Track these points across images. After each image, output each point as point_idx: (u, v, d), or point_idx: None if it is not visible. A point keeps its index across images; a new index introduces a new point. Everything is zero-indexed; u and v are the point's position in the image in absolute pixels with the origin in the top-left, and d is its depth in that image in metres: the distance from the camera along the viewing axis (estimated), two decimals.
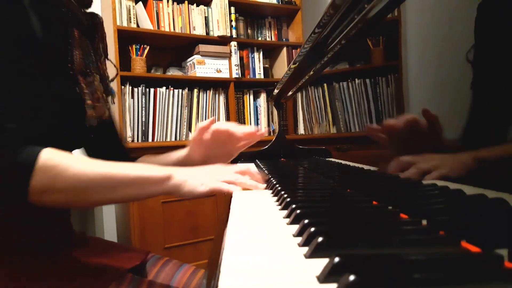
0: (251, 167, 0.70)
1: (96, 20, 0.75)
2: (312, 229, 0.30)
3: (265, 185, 0.64)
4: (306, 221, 0.33)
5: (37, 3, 0.59)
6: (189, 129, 2.28)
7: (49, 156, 0.54)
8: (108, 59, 0.81)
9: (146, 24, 2.16)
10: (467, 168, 0.65)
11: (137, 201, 0.60)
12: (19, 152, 0.53)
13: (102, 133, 0.77)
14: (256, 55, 2.55)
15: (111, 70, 0.82)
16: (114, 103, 0.85)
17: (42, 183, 0.53)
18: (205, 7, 2.36)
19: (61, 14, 0.64)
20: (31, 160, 0.52)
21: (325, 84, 2.49)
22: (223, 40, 2.36)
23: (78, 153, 0.72)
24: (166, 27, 2.22)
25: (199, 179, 0.59)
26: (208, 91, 2.34)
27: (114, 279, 0.63)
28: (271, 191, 0.59)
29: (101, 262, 0.67)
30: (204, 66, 2.29)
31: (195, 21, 2.31)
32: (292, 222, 0.37)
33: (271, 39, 2.68)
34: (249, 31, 2.62)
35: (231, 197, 0.56)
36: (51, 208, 0.67)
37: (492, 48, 0.79)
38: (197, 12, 2.33)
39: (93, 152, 0.82)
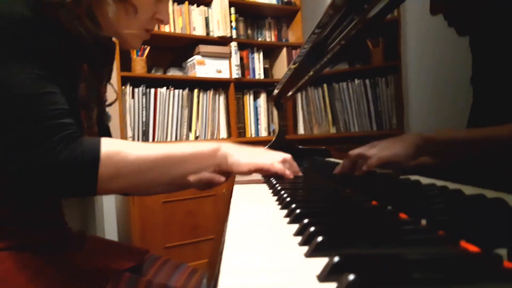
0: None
1: (108, 45, 0.71)
2: (312, 228, 0.30)
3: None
4: (306, 220, 0.33)
5: (59, 37, 0.59)
6: (189, 129, 2.28)
7: (110, 144, 0.56)
8: (110, 83, 0.79)
9: None
10: (415, 148, 0.65)
11: (191, 175, 0.64)
12: (81, 144, 0.54)
13: None
14: (256, 55, 2.55)
15: (111, 95, 0.81)
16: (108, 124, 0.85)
17: (109, 171, 0.55)
18: (205, 8, 2.36)
19: (76, 49, 0.63)
20: (95, 150, 0.54)
21: (325, 85, 2.49)
22: (223, 41, 2.36)
23: None
24: (166, 28, 2.22)
25: (245, 155, 0.65)
26: (208, 92, 2.34)
27: (110, 280, 0.63)
28: (271, 190, 0.59)
29: (98, 263, 0.67)
30: (204, 67, 2.29)
31: (195, 22, 2.32)
32: (292, 222, 0.37)
33: (271, 39, 2.68)
34: (249, 31, 2.62)
35: (231, 196, 0.56)
36: (41, 209, 0.67)
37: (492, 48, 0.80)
38: (197, 13, 2.33)
39: None
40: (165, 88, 2.21)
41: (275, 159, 0.69)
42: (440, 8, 0.76)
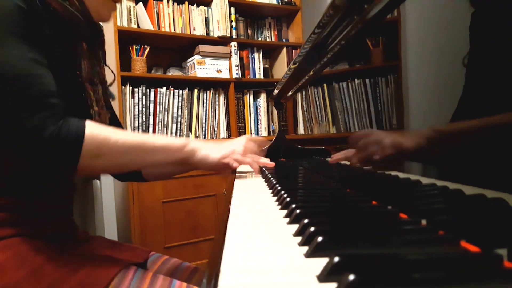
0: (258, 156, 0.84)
1: (97, 29, 0.78)
2: (312, 228, 0.30)
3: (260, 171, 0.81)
4: (306, 220, 0.33)
5: (54, 21, 0.65)
6: (189, 129, 2.28)
7: (94, 126, 0.61)
8: (106, 65, 0.84)
9: (147, 24, 2.16)
10: (424, 140, 0.69)
11: (161, 165, 0.73)
12: (68, 122, 0.59)
13: None
14: (256, 55, 2.55)
15: (109, 76, 0.85)
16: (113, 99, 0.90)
17: (91, 150, 0.59)
18: (205, 8, 2.36)
19: (72, 29, 0.69)
20: (80, 129, 0.59)
21: (324, 84, 2.49)
22: (223, 41, 2.36)
23: None
24: (166, 28, 2.22)
25: (213, 150, 0.74)
26: (208, 91, 2.34)
27: (119, 268, 0.64)
28: (271, 191, 0.59)
29: (106, 254, 0.69)
30: (204, 67, 2.29)
31: (195, 22, 2.32)
32: (292, 222, 0.37)
33: (271, 39, 2.68)
34: (249, 31, 2.62)
35: (231, 197, 0.56)
36: (53, 199, 0.70)
37: (486, 52, 0.81)
38: (197, 13, 2.33)
39: None
40: (165, 88, 2.21)
41: (240, 151, 0.78)
42: None
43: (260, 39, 2.66)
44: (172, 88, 2.22)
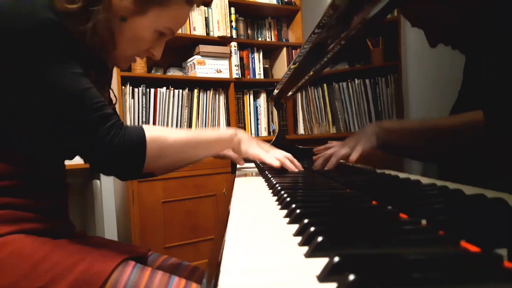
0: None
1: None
2: (312, 228, 0.30)
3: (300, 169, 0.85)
4: (306, 220, 0.33)
5: (71, 49, 0.66)
6: (189, 129, 2.28)
7: (151, 130, 0.65)
8: (110, 88, 0.84)
9: None
10: (376, 136, 0.81)
11: (212, 157, 0.82)
12: (128, 130, 0.63)
13: None
14: (256, 55, 2.55)
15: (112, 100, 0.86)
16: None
17: (154, 151, 0.64)
18: (205, 8, 2.36)
19: (85, 58, 0.69)
20: (141, 134, 0.64)
21: (324, 84, 2.49)
22: (223, 41, 2.36)
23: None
24: None
25: (254, 146, 0.83)
26: (208, 92, 2.34)
27: (117, 262, 0.64)
28: (271, 191, 0.59)
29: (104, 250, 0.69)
30: (204, 67, 2.29)
31: (195, 22, 2.32)
32: (292, 222, 0.37)
33: (271, 39, 2.68)
34: (249, 31, 2.62)
35: (231, 197, 0.56)
36: (47, 202, 0.70)
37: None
38: (197, 13, 2.33)
39: None
40: (165, 88, 2.21)
41: (276, 156, 0.83)
42: (437, 41, 0.84)
43: (260, 39, 2.66)
44: (172, 88, 2.22)
